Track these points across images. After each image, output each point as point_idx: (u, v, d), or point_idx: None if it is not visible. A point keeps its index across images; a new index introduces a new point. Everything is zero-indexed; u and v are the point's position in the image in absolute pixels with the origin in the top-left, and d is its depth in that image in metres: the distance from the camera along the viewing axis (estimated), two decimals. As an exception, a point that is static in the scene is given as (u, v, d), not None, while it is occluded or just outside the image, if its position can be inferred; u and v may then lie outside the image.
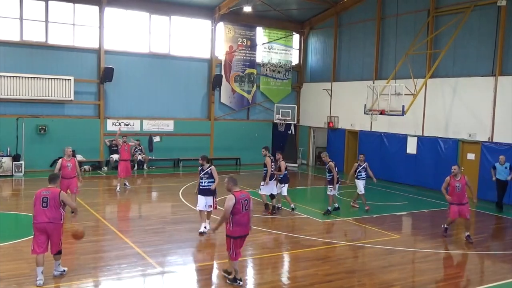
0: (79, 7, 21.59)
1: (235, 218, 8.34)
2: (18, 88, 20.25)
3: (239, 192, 8.47)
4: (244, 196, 8.44)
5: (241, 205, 8.34)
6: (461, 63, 19.24)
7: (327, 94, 25.48)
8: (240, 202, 8.32)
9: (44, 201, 8.41)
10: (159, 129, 23.76)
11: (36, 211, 8.42)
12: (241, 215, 8.37)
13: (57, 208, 8.45)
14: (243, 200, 8.39)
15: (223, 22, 24.86)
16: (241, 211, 8.35)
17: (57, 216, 8.45)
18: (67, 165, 13.39)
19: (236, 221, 8.35)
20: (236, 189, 8.53)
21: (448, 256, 10.98)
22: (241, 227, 8.43)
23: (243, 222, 8.44)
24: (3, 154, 19.78)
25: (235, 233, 8.42)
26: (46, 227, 8.39)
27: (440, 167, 19.49)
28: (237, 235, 8.45)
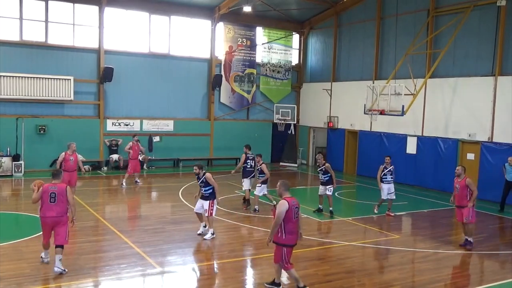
0: (79, 7, 21.58)
1: (287, 226, 7.94)
2: (17, 88, 20.25)
3: (291, 198, 8.06)
4: (294, 203, 8.06)
5: (293, 212, 7.97)
6: (461, 63, 19.25)
7: (327, 94, 25.49)
8: (292, 208, 7.95)
9: (52, 196, 8.84)
10: (158, 129, 23.75)
11: (44, 207, 8.85)
12: (292, 222, 7.99)
13: (64, 202, 8.94)
14: (294, 207, 8.03)
15: (223, 22, 24.86)
16: (292, 219, 7.97)
17: (64, 210, 8.96)
18: (69, 158, 14.14)
19: (288, 228, 7.96)
20: (288, 194, 8.14)
21: (447, 256, 10.98)
22: (293, 235, 8.06)
23: (295, 230, 8.08)
24: (2, 154, 19.78)
25: (288, 241, 8.01)
26: (54, 221, 8.89)
27: (440, 167, 19.51)
28: (290, 243, 8.06)
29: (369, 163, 22.89)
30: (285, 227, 7.94)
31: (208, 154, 24.95)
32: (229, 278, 9.13)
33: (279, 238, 8.02)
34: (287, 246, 8.04)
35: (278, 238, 8.03)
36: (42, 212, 8.90)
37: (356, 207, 16.63)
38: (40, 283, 8.41)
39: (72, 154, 14.37)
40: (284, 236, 7.97)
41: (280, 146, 27.07)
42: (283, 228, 7.94)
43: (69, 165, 14.15)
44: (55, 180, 9.12)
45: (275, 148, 27.14)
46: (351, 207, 16.34)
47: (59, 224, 8.90)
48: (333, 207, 14.63)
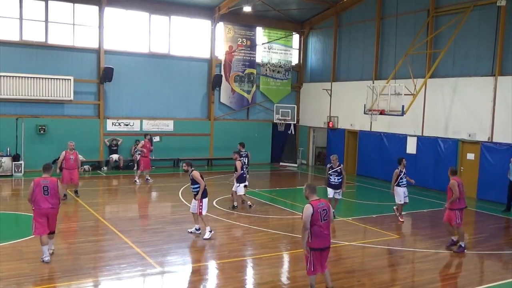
0: (78, 7, 21.57)
1: (313, 229, 7.76)
2: (18, 88, 20.24)
3: (317, 201, 7.86)
4: (322, 205, 7.84)
5: (320, 215, 7.76)
6: (461, 63, 19.25)
7: (327, 94, 25.49)
8: (318, 211, 7.74)
9: (45, 189, 9.42)
10: (159, 129, 23.74)
11: (38, 199, 9.37)
12: (319, 225, 7.78)
13: (57, 195, 9.58)
14: (321, 209, 7.80)
15: (223, 22, 24.86)
16: (319, 221, 7.76)
17: (56, 202, 9.61)
18: (70, 157, 15.05)
19: (314, 232, 7.77)
20: (314, 197, 7.92)
21: (447, 256, 10.97)
22: (320, 238, 7.83)
23: (323, 233, 7.83)
24: (3, 154, 19.77)
25: (313, 244, 7.83)
26: (49, 212, 9.49)
27: (440, 167, 19.50)
28: (316, 247, 7.86)
29: (369, 163, 22.92)
30: (312, 230, 7.79)
31: (208, 154, 24.95)
32: (229, 278, 9.13)
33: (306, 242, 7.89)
34: (313, 250, 7.88)
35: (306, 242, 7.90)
36: (37, 204, 9.38)
37: (356, 207, 16.62)
38: (39, 283, 8.41)
39: (72, 153, 15.20)
40: (311, 239, 7.83)
41: (280, 146, 27.06)
42: (310, 231, 7.80)
43: (69, 164, 15.03)
44: (45, 174, 9.65)
45: (275, 148, 27.13)
46: (351, 207, 16.34)
47: (53, 216, 9.64)
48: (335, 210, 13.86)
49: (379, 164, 22.23)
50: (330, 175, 13.91)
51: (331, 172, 13.91)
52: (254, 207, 14.92)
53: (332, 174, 13.88)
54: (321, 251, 7.96)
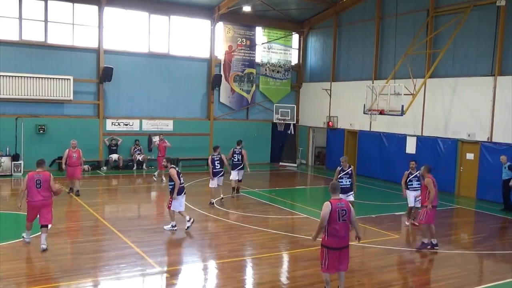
0: (78, 6, 21.56)
1: (330, 228, 7.76)
2: (17, 87, 20.23)
3: (337, 200, 7.86)
4: (342, 205, 7.82)
5: (338, 214, 7.73)
6: (461, 63, 19.25)
7: (326, 94, 25.49)
8: (336, 210, 7.73)
9: (38, 183, 10.06)
10: (158, 128, 23.73)
11: (31, 192, 10.02)
12: (336, 224, 7.74)
13: (48, 188, 10.16)
14: (341, 209, 7.77)
15: (223, 22, 24.86)
16: (337, 221, 7.73)
17: (49, 194, 10.22)
18: (72, 155, 15.93)
19: (331, 231, 7.77)
20: (336, 196, 7.94)
21: (447, 256, 10.98)
22: (336, 238, 7.80)
23: (339, 233, 7.79)
24: (2, 153, 19.76)
25: (329, 243, 7.85)
26: (40, 204, 10.10)
27: (440, 167, 19.49)
28: (330, 246, 7.85)
29: (368, 163, 22.91)
30: (328, 229, 7.80)
31: (208, 154, 24.87)
32: (228, 278, 9.13)
33: (322, 239, 7.98)
34: (328, 248, 7.88)
35: (322, 239, 7.99)
36: (30, 197, 10.06)
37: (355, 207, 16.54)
38: (39, 283, 8.40)
39: (75, 150, 16.05)
40: (326, 238, 7.86)
41: (279, 146, 27.06)
42: (326, 229, 7.82)
43: (72, 161, 15.92)
44: (38, 169, 10.29)
45: (274, 148, 27.13)
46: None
47: (45, 207, 10.15)
48: None
49: (378, 164, 22.24)
50: (341, 178, 13.11)
51: (342, 175, 13.13)
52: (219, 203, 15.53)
53: (343, 177, 13.11)
54: (337, 250, 7.89)
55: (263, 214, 14.35)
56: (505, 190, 16.16)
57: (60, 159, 21.09)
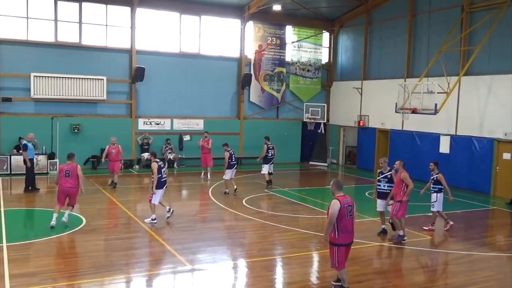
0: (111, 8, 21.98)
1: (340, 225, 7.94)
2: (52, 88, 20.79)
3: (343, 197, 8.04)
4: (347, 201, 8.03)
5: (346, 211, 7.95)
6: (497, 60, 18.72)
7: (357, 92, 25.22)
8: (344, 207, 7.93)
9: (67, 173, 11.92)
10: (189, 128, 23.98)
11: (61, 180, 11.88)
12: (346, 221, 7.97)
13: (76, 177, 11.95)
14: (347, 205, 7.99)
15: (253, 21, 24.90)
16: (345, 217, 7.95)
17: (75, 183, 11.99)
18: (112, 151, 17.49)
19: (341, 227, 7.96)
20: (341, 193, 8.10)
21: (481, 259, 10.71)
22: (347, 234, 8.05)
23: (348, 229, 8.06)
24: (39, 152, 20.31)
25: (341, 240, 8.02)
26: (68, 190, 11.95)
27: (474, 167, 19.05)
28: (342, 243, 8.07)
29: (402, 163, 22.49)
30: (338, 226, 7.94)
31: (238, 153, 25.01)
32: (258, 277, 9.14)
33: (332, 238, 8.06)
34: (340, 245, 8.05)
35: (332, 238, 8.06)
36: (61, 184, 11.88)
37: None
38: (74, 279, 8.60)
39: (114, 147, 17.51)
40: (338, 235, 7.99)
41: (310, 145, 26.93)
42: (336, 227, 7.95)
43: (112, 156, 17.44)
44: (68, 161, 12.20)
45: (305, 147, 27.01)
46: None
47: (72, 193, 11.99)
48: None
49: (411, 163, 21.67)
50: (379, 181, 12.09)
51: (381, 178, 12.08)
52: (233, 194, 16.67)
53: (381, 180, 12.06)
54: (347, 246, 8.15)
55: (293, 214, 14.31)
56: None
57: (94, 157, 21.66)
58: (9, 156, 19.65)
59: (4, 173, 19.30)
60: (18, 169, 19.00)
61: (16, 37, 20.47)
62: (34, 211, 14.29)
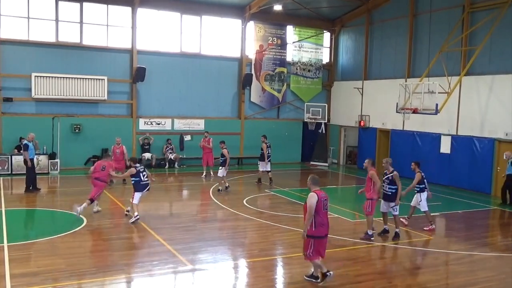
0: (112, 8, 21.99)
1: (317, 218, 8.31)
2: (53, 88, 20.80)
3: (320, 191, 8.46)
4: (324, 195, 8.46)
5: (322, 204, 8.36)
6: (498, 60, 18.71)
7: (358, 92, 25.21)
8: (321, 200, 8.34)
9: (103, 168, 13.29)
10: (190, 128, 23.99)
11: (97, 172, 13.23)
12: (322, 214, 8.38)
13: (108, 173, 13.33)
14: (324, 199, 8.41)
15: (254, 21, 24.90)
16: (322, 210, 8.36)
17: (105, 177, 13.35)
18: (116, 151, 18.01)
19: (319, 220, 8.32)
20: (317, 188, 8.52)
21: (483, 259, 10.70)
22: (323, 226, 8.44)
23: (324, 222, 8.45)
24: (39, 152, 20.31)
25: (318, 232, 8.36)
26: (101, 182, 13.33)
27: (475, 167, 19.04)
28: (320, 235, 8.41)
29: (401, 163, 22.43)
30: (315, 219, 8.29)
31: (238, 153, 25.03)
32: (259, 277, 9.14)
33: (309, 230, 8.35)
34: (317, 238, 8.37)
35: (309, 230, 8.35)
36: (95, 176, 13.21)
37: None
38: (75, 278, 8.60)
39: (118, 147, 18.05)
40: (315, 228, 8.31)
41: (310, 145, 26.93)
42: (314, 220, 8.29)
43: (116, 156, 17.71)
44: (104, 159, 13.90)
45: (305, 147, 27.01)
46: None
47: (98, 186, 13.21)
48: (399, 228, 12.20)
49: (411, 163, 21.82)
50: (383, 182, 12.04)
51: (384, 179, 12.05)
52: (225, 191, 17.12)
53: (384, 181, 12.03)
54: (323, 238, 8.53)
55: (293, 214, 14.30)
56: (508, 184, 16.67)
57: (95, 157, 21.64)
58: (10, 156, 19.66)
59: (5, 173, 19.31)
60: (19, 169, 19.02)
61: (17, 37, 20.48)
62: (35, 211, 14.30)
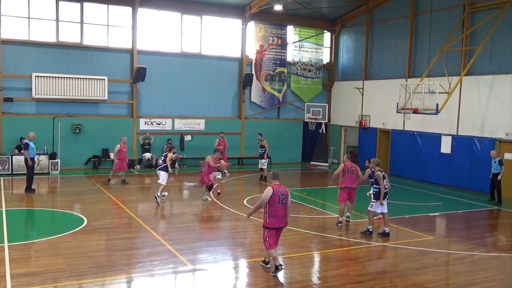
0: (112, 8, 21.99)
1: (270, 210, 8.88)
2: (54, 88, 20.80)
3: (278, 186, 8.99)
4: (281, 190, 8.95)
5: (278, 198, 8.85)
6: (498, 60, 18.70)
7: (358, 92, 25.21)
8: (277, 195, 8.84)
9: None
10: (190, 128, 23.99)
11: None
12: (276, 207, 8.87)
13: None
14: (280, 194, 8.89)
15: (254, 21, 24.90)
16: (277, 204, 8.85)
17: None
18: (123, 150, 17.77)
19: (271, 213, 8.89)
20: (276, 182, 9.07)
21: (483, 259, 10.70)
22: (275, 219, 8.92)
23: (278, 215, 8.91)
24: (40, 152, 20.32)
25: (270, 224, 8.95)
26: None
27: (476, 167, 19.03)
28: (271, 226, 8.95)
29: (401, 163, 22.55)
30: (269, 211, 8.92)
31: (239, 153, 25.04)
32: (259, 277, 9.14)
33: (264, 221, 9.05)
34: (270, 229, 8.96)
35: (264, 221, 9.06)
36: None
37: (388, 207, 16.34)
38: (75, 278, 8.61)
39: (125, 146, 17.91)
40: (268, 220, 8.96)
41: (311, 145, 26.93)
42: (268, 211, 8.92)
43: (123, 155, 17.76)
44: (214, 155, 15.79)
45: (306, 147, 27.01)
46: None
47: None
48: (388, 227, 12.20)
49: (412, 163, 21.86)
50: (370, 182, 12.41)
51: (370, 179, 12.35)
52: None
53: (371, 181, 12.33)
54: (275, 230, 9.03)
55: (294, 214, 14.27)
56: (493, 183, 17.02)
57: (95, 157, 21.69)
58: (11, 156, 19.67)
59: (5, 173, 19.32)
60: (19, 169, 19.02)
61: (18, 37, 20.48)
62: (35, 211, 14.30)
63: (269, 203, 8.84)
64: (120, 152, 17.72)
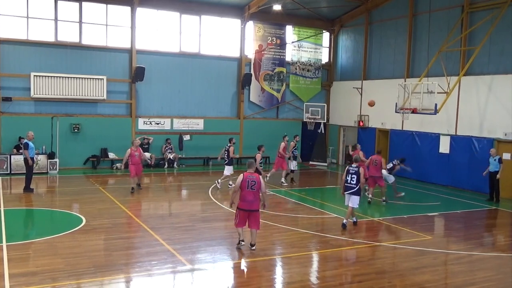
0: (111, 7, 21.98)
1: (241, 194, 10.22)
2: (53, 87, 20.79)
3: (249, 173, 10.23)
4: (252, 178, 10.18)
5: (247, 184, 10.11)
6: (497, 60, 18.73)
7: (357, 92, 25.22)
8: (246, 181, 10.12)
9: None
10: (189, 127, 23.99)
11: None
12: (246, 192, 10.15)
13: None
14: (250, 180, 10.13)
15: (253, 21, 24.91)
16: (246, 189, 10.12)
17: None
18: (135, 154, 16.53)
19: (242, 196, 10.22)
20: (250, 170, 10.28)
21: (481, 259, 10.71)
22: (245, 202, 10.20)
23: (247, 199, 10.16)
24: (38, 152, 20.30)
25: (240, 206, 10.27)
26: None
27: (474, 167, 19.04)
28: (241, 208, 10.25)
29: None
30: (240, 195, 10.23)
31: (238, 153, 25.01)
32: (258, 276, 9.15)
33: (238, 204, 10.33)
34: (240, 210, 10.28)
35: (238, 204, 10.34)
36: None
37: (386, 207, 16.36)
38: (74, 278, 8.59)
39: (136, 149, 16.57)
40: (240, 202, 10.27)
41: (310, 145, 26.93)
42: (240, 195, 10.22)
43: (135, 160, 16.47)
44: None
45: (304, 147, 27.00)
46: (382, 207, 16.10)
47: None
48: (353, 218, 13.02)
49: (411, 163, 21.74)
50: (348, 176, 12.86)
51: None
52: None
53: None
54: (246, 212, 10.23)
55: (293, 214, 14.31)
56: (492, 182, 17.13)
57: (94, 157, 21.66)
58: (9, 155, 19.65)
59: (3, 173, 19.30)
60: (18, 169, 19.02)
61: (16, 36, 20.47)
62: (34, 210, 14.29)
63: (240, 188, 10.14)
64: (131, 156, 16.45)
